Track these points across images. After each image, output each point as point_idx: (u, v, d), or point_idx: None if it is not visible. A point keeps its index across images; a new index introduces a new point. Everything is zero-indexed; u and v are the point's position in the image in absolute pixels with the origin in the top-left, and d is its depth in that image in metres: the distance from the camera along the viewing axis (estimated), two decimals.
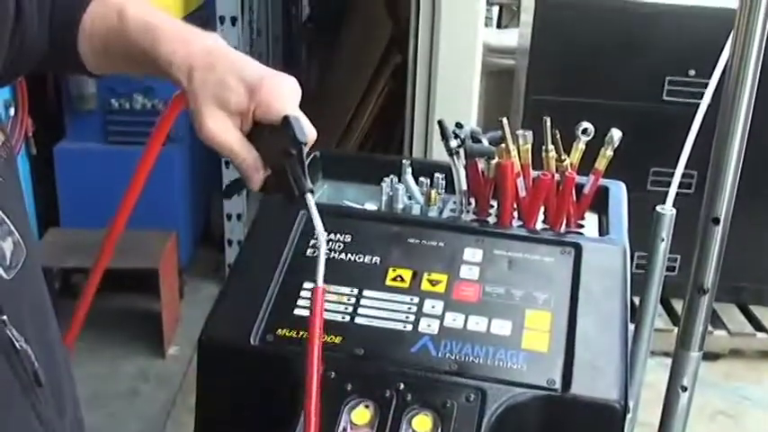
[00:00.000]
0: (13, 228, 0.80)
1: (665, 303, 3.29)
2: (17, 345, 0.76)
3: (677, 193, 1.36)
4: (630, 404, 1.08)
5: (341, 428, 0.99)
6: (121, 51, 0.94)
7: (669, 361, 1.35)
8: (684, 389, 1.25)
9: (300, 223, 1.24)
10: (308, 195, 0.90)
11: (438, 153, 2.34)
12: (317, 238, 0.90)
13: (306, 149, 0.90)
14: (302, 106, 0.91)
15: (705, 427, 2.81)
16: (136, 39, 0.92)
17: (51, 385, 0.83)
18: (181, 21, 0.95)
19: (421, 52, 2.65)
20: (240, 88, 0.88)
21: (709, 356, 3.05)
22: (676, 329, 3.07)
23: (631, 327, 1.21)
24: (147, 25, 0.92)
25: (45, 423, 0.80)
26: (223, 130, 0.89)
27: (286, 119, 0.88)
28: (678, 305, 3.24)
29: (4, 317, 0.75)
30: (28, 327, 0.80)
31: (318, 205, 1.32)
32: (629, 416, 1.07)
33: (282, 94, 0.90)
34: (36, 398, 0.79)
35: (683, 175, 1.36)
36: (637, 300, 1.45)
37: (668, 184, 1.37)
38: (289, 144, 0.88)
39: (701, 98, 1.30)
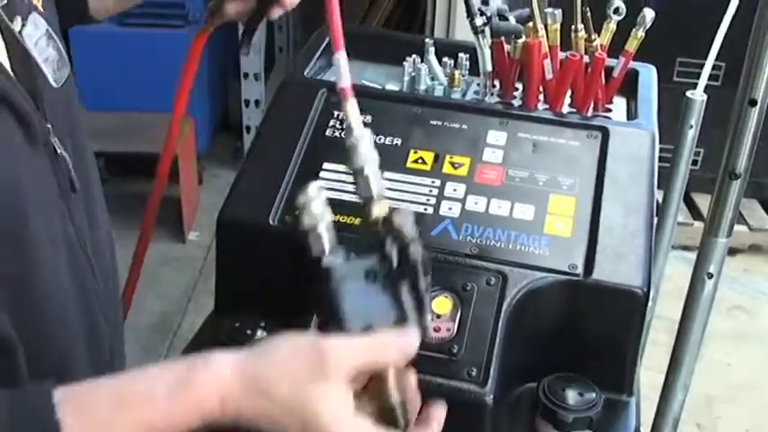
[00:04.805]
0: (59, 44, 0.83)
1: (686, 197, 3.26)
2: (58, 151, 0.80)
3: (705, 85, 1.33)
4: (651, 293, 1.07)
5: None
6: None
7: (688, 254, 1.34)
8: (710, 276, 1.23)
9: (320, 104, 1.20)
10: None
11: (461, 34, 2.27)
12: None
13: None
14: None
15: (721, 321, 2.82)
16: None
17: (84, 197, 0.86)
18: None
19: None
20: None
21: (729, 251, 3.05)
22: (696, 223, 3.05)
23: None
24: None
25: (77, 228, 0.83)
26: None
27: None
28: (699, 199, 3.21)
29: (49, 125, 0.78)
30: (66, 139, 0.83)
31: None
32: (649, 305, 1.06)
33: None
34: (71, 203, 0.83)
35: (712, 67, 1.31)
36: (659, 194, 1.43)
37: (696, 76, 1.34)
38: None
39: None
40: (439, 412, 0.75)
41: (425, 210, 1.09)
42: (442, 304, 0.99)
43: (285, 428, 0.67)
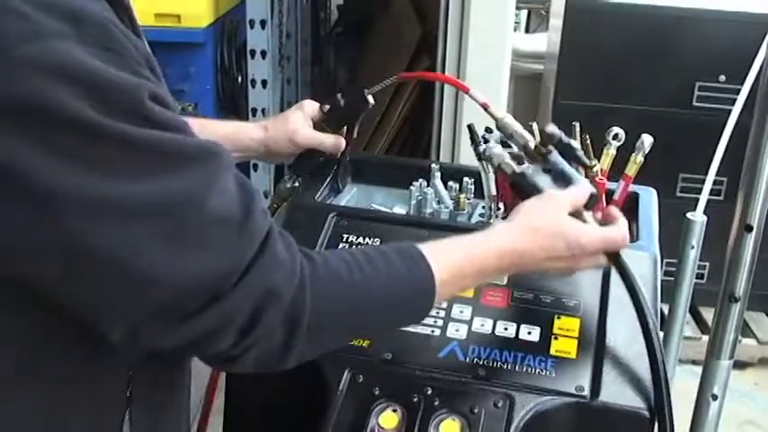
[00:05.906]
0: None
1: (694, 311, 3.26)
2: None
3: (707, 200, 1.35)
4: None
5: None
6: None
7: (697, 369, 1.34)
8: (715, 397, 1.24)
9: (329, 227, 1.24)
10: None
11: (466, 158, 2.33)
12: None
13: None
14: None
15: None
16: None
17: None
18: None
19: (449, 56, 2.63)
20: None
21: (738, 365, 3.01)
22: (704, 337, 3.03)
23: (660, 334, 1.20)
24: None
25: None
26: None
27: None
28: (706, 313, 3.20)
29: None
30: None
31: (347, 209, 1.35)
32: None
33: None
34: None
35: (714, 182, 1.35)
36: (665, 307, 1.44)
37: (698, 191, 1.36)
38: None
39: (732, 104, 1.29)
40: (615, 210, 1.09)
41: (432, 332, 1.11)
42: (449, 427, 1.00)
43: (553, 251, 0.99)
